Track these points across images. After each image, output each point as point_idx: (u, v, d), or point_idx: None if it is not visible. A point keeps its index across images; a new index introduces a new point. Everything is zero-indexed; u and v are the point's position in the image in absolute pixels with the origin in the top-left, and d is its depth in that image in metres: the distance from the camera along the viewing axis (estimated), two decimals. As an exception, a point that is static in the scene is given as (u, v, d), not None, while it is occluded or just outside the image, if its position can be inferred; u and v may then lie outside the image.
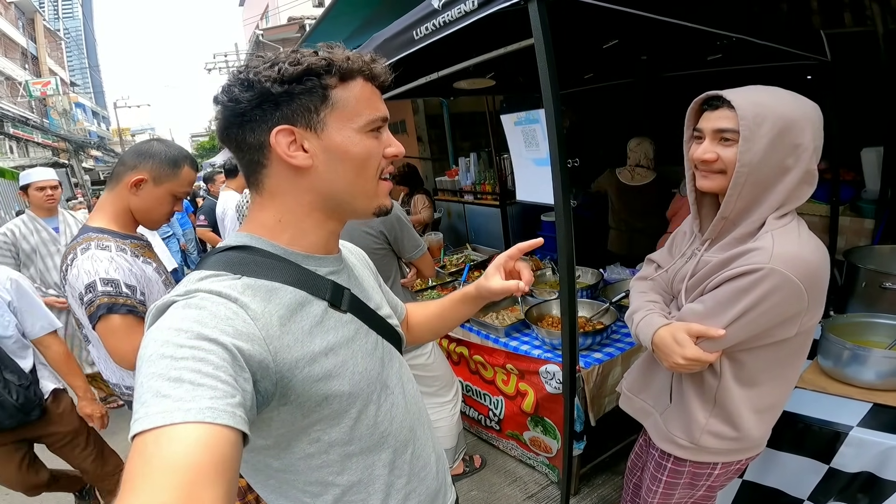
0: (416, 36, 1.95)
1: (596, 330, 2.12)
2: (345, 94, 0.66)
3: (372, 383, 0.72)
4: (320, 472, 0.69)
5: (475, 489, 2.26)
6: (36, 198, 2.84)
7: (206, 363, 0.50)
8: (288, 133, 0.64)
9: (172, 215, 1.50)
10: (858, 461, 1.29)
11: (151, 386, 0.48)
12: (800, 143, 0.99)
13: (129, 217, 1.43)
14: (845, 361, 1.50)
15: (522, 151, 2.09)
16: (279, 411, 0.62)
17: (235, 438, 0.48)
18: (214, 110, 0.69)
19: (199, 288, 0.59)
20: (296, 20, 10.23)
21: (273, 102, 0.63)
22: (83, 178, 21.45)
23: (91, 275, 1.25)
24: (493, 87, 4.07)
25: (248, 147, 0.66)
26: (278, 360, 0.59)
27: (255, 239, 0.68)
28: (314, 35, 4.57)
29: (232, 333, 0.55)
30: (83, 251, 1.29)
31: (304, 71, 0.63)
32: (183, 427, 0.45)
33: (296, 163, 0.65)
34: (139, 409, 0.47)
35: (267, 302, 0.62)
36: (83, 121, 30.94)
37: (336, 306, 0.70)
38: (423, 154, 6.29)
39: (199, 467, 0.44)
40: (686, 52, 3.12)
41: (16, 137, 16.13)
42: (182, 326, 0.53)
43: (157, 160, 1.39)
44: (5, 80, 18.68)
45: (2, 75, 18.75)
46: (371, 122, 0.68)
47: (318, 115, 0.65)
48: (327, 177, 0.67)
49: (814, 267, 0.99)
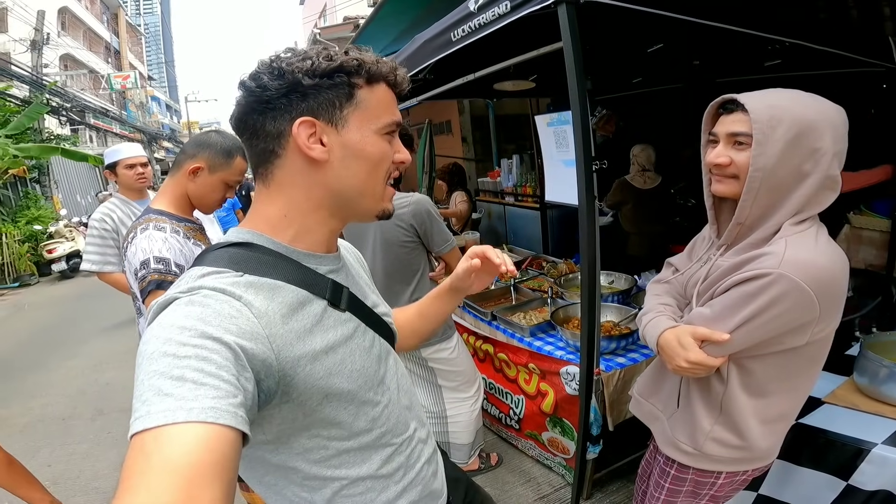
0: (454, 38, 2.01)
1: (622, 334, 2.10)
2: (369, 95, 0.68)
3: (370, 380, 0.74)
4: (318, 467, 0.70)
5: (488, 486, 2.27)
6: (126, 177, 2.53)
7: (209, 362, 0.50)
8: (310, 125, 0.65)
9: (224, 201, 1.62)
10: (878, 479, 1.24)
11: (153, 384, 0.48)
12: (818, 148, 0.97)
13: (187, 201, 1.57)
14: (881, 379, 1.44)
15: (553, 153, 2.10)
16: (280, 408, 0.63)
17: (236, 438, 0.49)
18: (236, 94, 0.69)
19: (202, 285, 0.59)
20: (351, 20, 10.54)
21: (301, 94, 0.65)
22: (154, 167, 22.94)
23: (146, 252, 1.38)
24: (536, 90, 4.08)
25: (266, 135, 0.67)
26: (281, 358, 0.60)
27: (258, 236, 0.69)
28: (363, 35, 4.71)
29: (235, 332, 0.55)
30: (142, 231, 1.43)
31: (336, 67, 0.65)
32: (185, 426, 0.45)
33: (313, 155, 0.66)
34: (140, 407, 0.47)
35: (270, 300, 0.62)
36: (157, 113, 33.00)
37: (336, 305, 0.71)
38: (467, 154, 6.34)
39: (200, 467, 0.44)
40: (740, 57, 3.01)
41: (96, 128, 17.42)
42: (185, 324, 0.53)
43: (213, 150, 1.51)
44: (90, 73, 20.23)
45: (85, 68, 20.29)
46: (388, 125, 0.71)
47: (342, 112, 0.67)
48: (340, 173, 0.68)
49: (827, 274, 0.96)
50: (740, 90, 1.08)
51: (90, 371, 4.33)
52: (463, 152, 6.33)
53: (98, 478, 2.71)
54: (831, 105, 1.00)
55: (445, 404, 2.25)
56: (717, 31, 1.71)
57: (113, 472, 2.75)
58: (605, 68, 3.67)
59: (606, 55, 3.19)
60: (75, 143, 13.08)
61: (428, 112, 5.98)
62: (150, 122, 27.93)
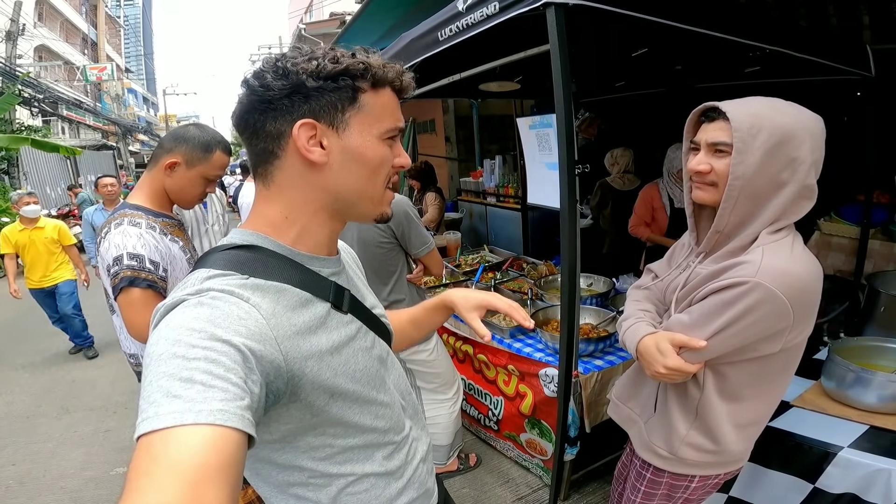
0: (441, 37, 1.99)
1: (600, 337, 2.12)
2: (373, 100, 0.67)
3: (372, 380, 0.74)
4: (325, 464, 0.71)
5: (467, 486, 2.28)
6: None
7: (217, 364, 0.50)
8: (310, 127, 0.64)
9: (205, 196, 1.58)
10: (844, 482, 1.27)
11: (162, 385, 0.48)
12: (797, 157, 0.98)
13: (164, 196, 1.51)
14: (848, 383, 1.48)
15: (536, 155, 2.11)
16: (288, 408, 0.63)
17: (242, 441, 0.49)
18: (238, 93, 0.68)
19: (210, 287, 0.59)
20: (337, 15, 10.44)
21: (304, 95, 0.64)
22: (128, 160, 22.38)
23: (119, 248, 1.34)
24: (522, 91, 4.09)
25: (266, 135, 0.66)
26: (289, 359, 0.60)
27: (262, 238, 0.68)
28: (350, 31, 4.67)
29: (244, 334, 0.55)
30: (116, 226, 1.38)
31: (342, 71, 0.64)
32: (193, 428, 0.46)
33: (312, 157, 0.65)
34: (148, 408, 0.47)
35: (276, 302, 0.62)
36: (134, 106, 32.15)
37: (338, 307, 0.72)
38: (450, 154, 6.33)
39: (206, 469, 0.44)
40: (721, 63, 3.06)
41: (68, 119, 16.92)
42: (195, 326, 0.53)
43: (191, 144, 1.47)
44: (64, 65, 19.63)
45: (60, 59, 19.70)
46: (390, 130, 0.70)
47: (344, 115, 0.66)
48: (339, 176, 0.68)
49: (802, 283, 0.98)
50: (720, 96, 1.09)
51: (56, 369, 4.21)
52: (446, 152, 6.32)
53: (65, 477, 2.63)
54: (810, 114, 1.02)
55: (424, 406, 2.24)
56: (699, 36, 1.73)
57: (80, 471, 2.67)
58: (589, 71, 3.70)
59: (591, 58, 3.22)
60: (47, 135, 12.68)
61: (412, 110, 5.96)
62: (125, 114, 27.24)
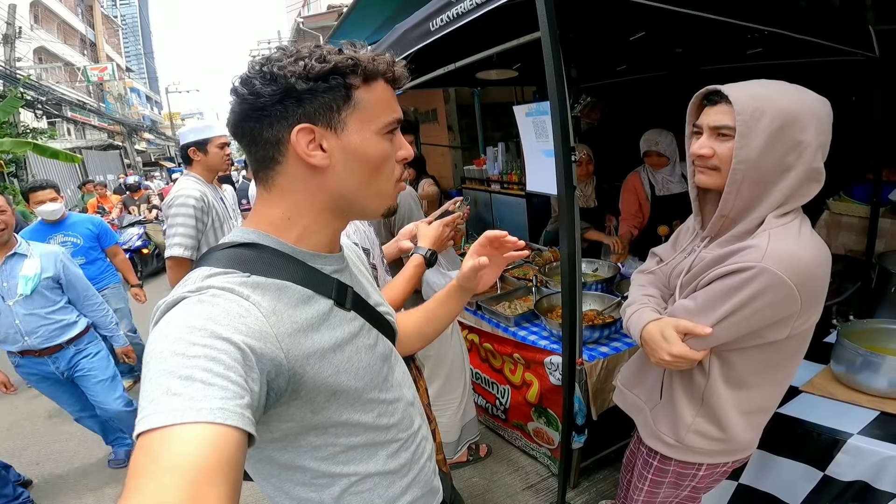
0: (433, 27, 1.97)
1: (605, 323, 2.10)
2: (367, 95, 0.65)
3: (375, 377, 0.74)
4: (327, 464, 0.70)
5: (476, 475, 2.29)
6: (216, 157, 2.18)
7: (217, 362, 0.50)
8: (308, 132, 0.63)
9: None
10: (854, 470, 1.24)
11: (162, 383, 0.48)
12: (802, 140, 0.95)
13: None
14: (858, 367, 1.44)
15: (533, 143, 2.08)
16: (289, 406, 0.63)
17: (242, 439, 0.48)
18: (229, 100, 0.66)
19: (211, 284, 0.59)
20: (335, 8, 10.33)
21: (296, 99, 0.62)
22: (135, 159, 22.48)
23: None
24: (522, 78, 4.03)
25: (264, 142, 0.64)
26: (290, 357, 0.60)
27: (263, 236, 0.68)
28: (345, 25, 4.62)
29: (245, 332, 0.55)
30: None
31: (330, 69, 0.62)
32: (192, 427, 0.45)
33: (314, 162, 0.64)
34: (147, 406, 0.47)
35: (277, 300, 0.62)
36: (137, 105, 32.24)
37: (341, 304, 0.71)
38: (453, 143, 6.28)
39: (206, 467, 0.44)
40: (722, 45, 3.00)
41: (73, 120, 17.00)
42: (195, 323, 0.53)
43: None
44: (65, 66, 19.68)
45: (61, 61, 19.73)
46: (389, 124, 0.68)
47: (340, 115, 0.64)
48: (342, 177, 0.66)
49: (809, 267, 0.95)
50: (723, 78, 1.06)
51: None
52: (449, 140, 6.26)
53: (88, 475, 2.69)
54: (816, 97, 0.98)
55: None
56: (695, 19, 1.68)
57: (101, 470, 2.73)
58: (590, 56, 3.64)
59: (590, 43, 3.16)
60: (53, 136, 12.73)
61: (414, 100, 5.90)
62: (129, 113, 27.30)
